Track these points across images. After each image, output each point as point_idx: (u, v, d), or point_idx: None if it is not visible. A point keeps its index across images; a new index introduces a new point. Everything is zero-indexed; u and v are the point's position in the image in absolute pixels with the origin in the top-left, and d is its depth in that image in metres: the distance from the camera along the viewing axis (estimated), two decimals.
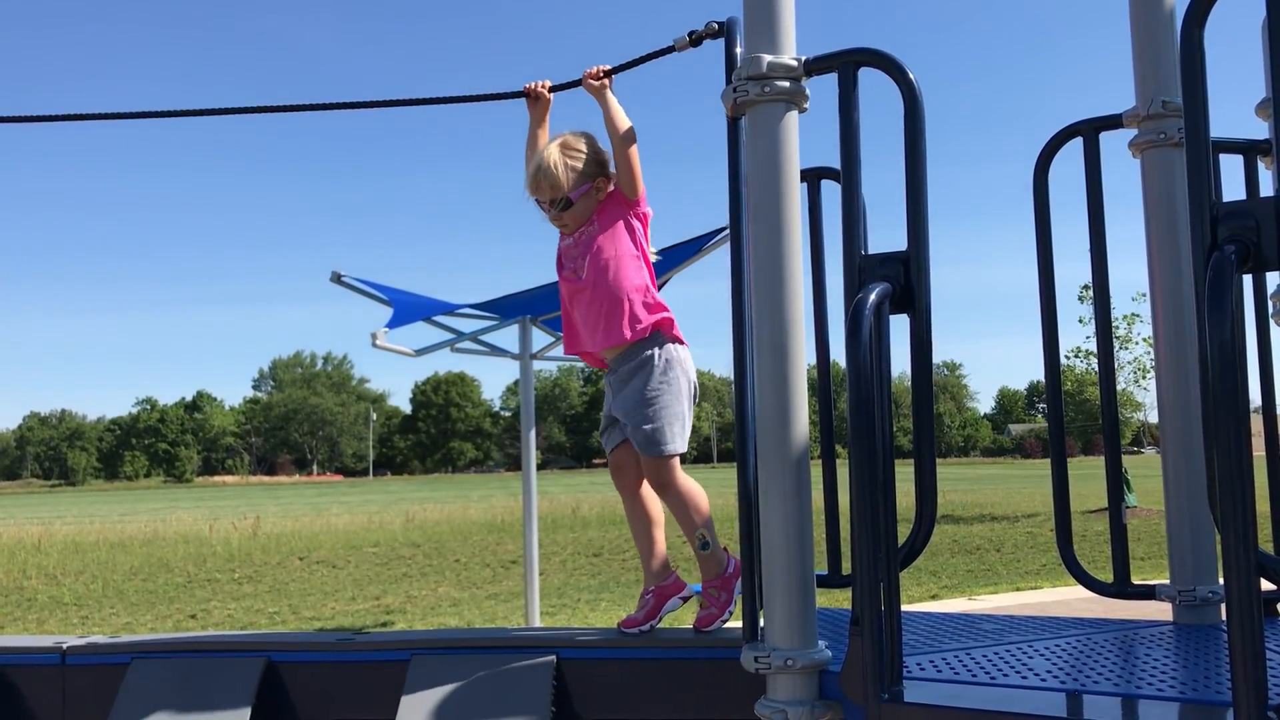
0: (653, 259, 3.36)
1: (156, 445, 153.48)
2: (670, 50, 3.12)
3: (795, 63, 2.36)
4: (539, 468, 8.94)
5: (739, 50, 2.59)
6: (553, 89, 3.43)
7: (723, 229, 7.78)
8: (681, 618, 3.40)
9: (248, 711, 2.83)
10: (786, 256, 2.31)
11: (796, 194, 2.35)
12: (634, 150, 3.22)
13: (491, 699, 2.74)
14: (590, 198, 3.27)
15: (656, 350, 3.20)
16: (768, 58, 2.34)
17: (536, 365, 9.06)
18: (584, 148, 3.30)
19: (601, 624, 12.18)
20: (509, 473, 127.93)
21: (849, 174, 2.27)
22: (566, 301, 3.35)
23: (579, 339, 3.31)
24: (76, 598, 17.08)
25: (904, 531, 2.24)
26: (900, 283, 2.19)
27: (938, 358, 2.33)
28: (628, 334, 3.17)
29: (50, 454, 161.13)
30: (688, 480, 3.26)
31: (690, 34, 2.98)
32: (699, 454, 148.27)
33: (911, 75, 2.26)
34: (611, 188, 3.32)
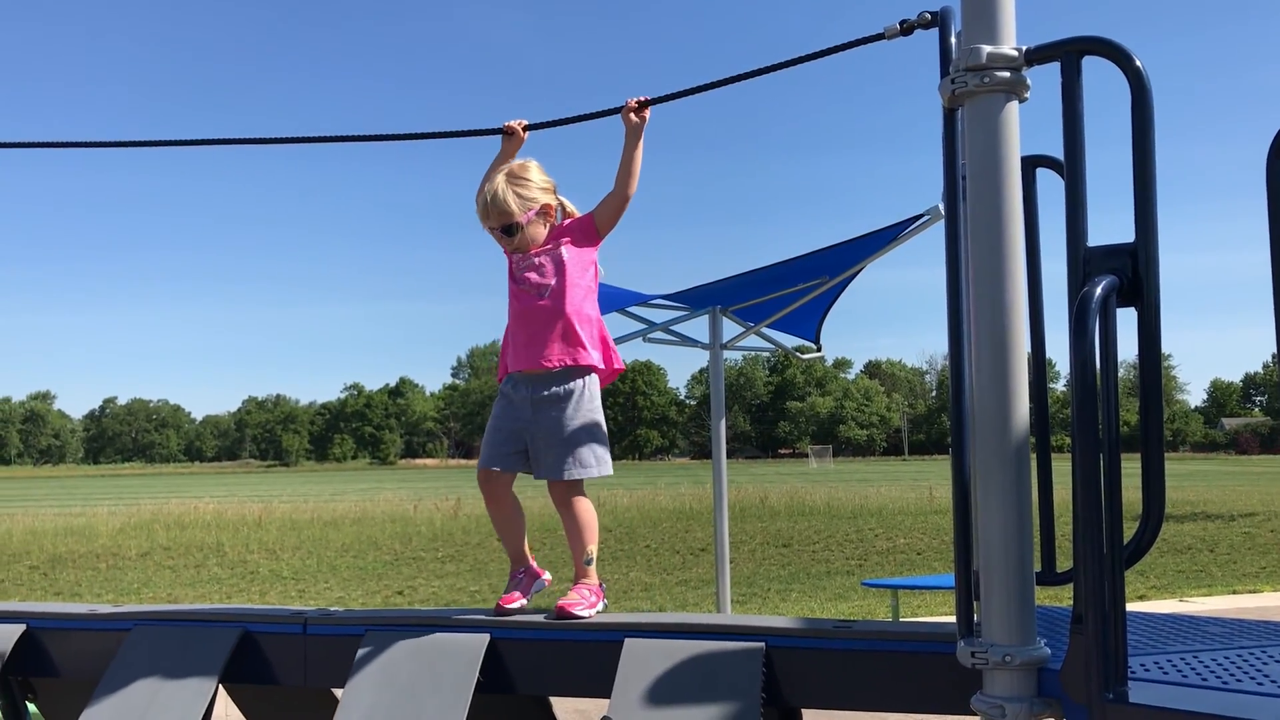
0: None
1: (363, 429, 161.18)
2: (879, 38, 3.10)
3: (1016, 53, 2.32)
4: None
5: (953, 40, 2.56)
6: (528, 128, 3.60)
7: (916, 217, 7.64)
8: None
9: (473, 682, 2.98)
10: (1007, 248, 2.28)
11: (1018, 185, 2.31)
12: (632, 193, 3.39)
13: (702, 684, 2.80)
14: (537, 223, 3.41)
15: (584, 380, 3.40)
16: (987, 48, 2.32)
17: (723, 354, 9.13)
18: (530, 175, 3.44)
19: (794, 614, 12.15)
20: (694, 460, 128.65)
21: (1073, 165, 2.23)
22: (518, 317, 3.46)
23: (519, 355, 3.42)
24: (294, 572, 18.17)
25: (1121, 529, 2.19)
26: (1127, 275, 2.14)
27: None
28: (575, 360, 3.36)
29: (266, 436, 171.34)
30: (588, 503, 3.44)
31: (901, 23, 2.95)
32: (889, 446, 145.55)
33: (1139, 62, 2.20)
34: (565, 216, 3.49)
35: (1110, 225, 2.35)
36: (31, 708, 3.86)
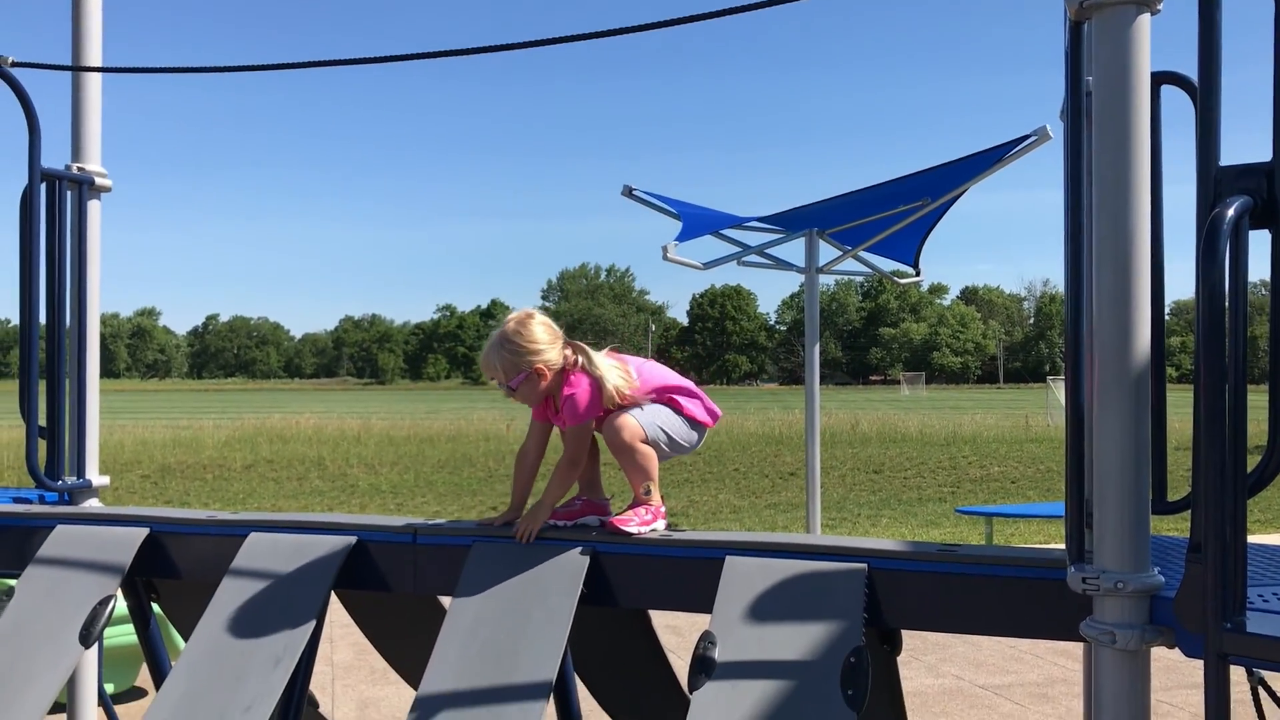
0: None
1: (456, 349, 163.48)
2: None
3: None
4: None
5: None
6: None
7: (1023, 138, 7.43)
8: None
9: (577, 594, 3.05)
10: (1134, 168, 2.20)
11: (1146, 103, 2.22)
12: (576, 463, 3.37)
13: (804, 603, 2.82)
14: (531, 383, 3.37)
15: None
16: None
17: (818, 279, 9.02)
18: (521, 340, 3.36)
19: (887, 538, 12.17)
20: (783, 386, 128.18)
21: (1208, 80, 2.13)
22: None
23: None
24: (392, 486, 18.67)
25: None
26: (1262, 196, 2.06)
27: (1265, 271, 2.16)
28: None
29: (362, 355, 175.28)
30: (646, 447, 3.37)
31: None
32: (983, 374, 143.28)
33: None
34: (579, 365, 3.39)
35: (1231, 149, 2.25)
36: (155, 608, 4.05)
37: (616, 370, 3.39)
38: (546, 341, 3.38)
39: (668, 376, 3.50)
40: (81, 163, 4.29)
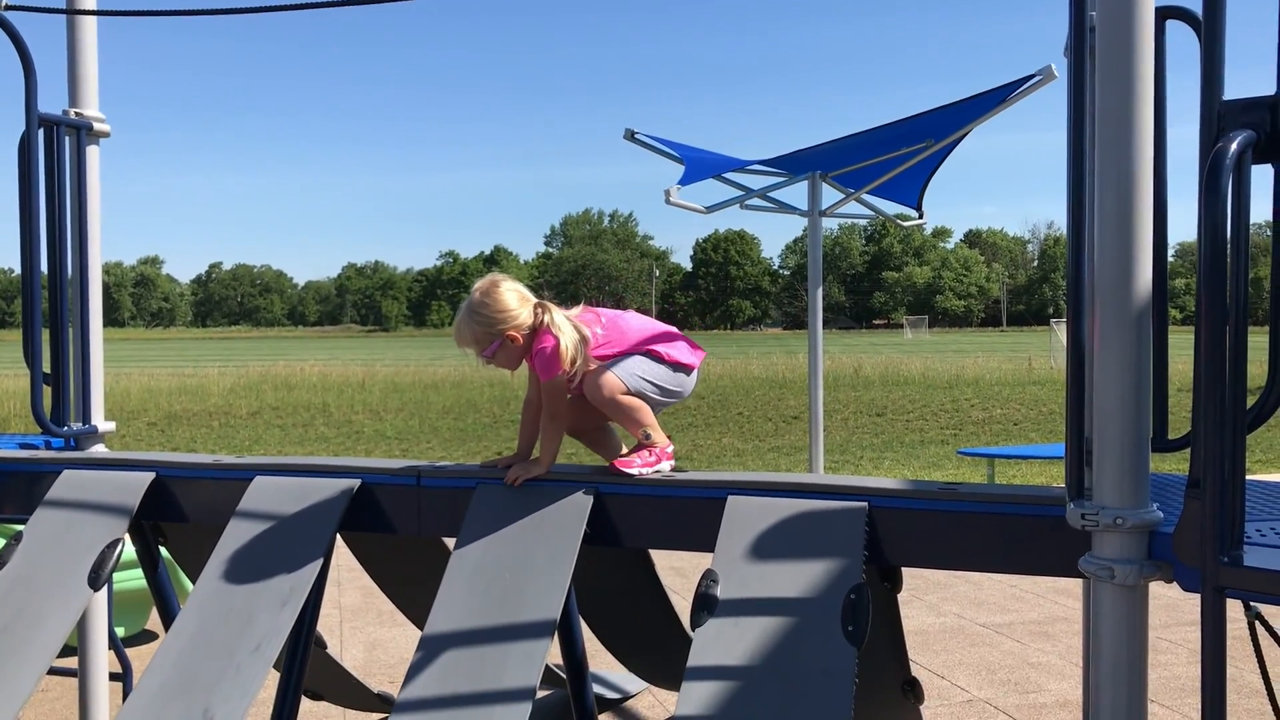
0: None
1: (460, 296, 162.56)
2: None
3: None
4: None
5: None
6: None
7: (1027, 78, 7.35)
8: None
9: (580, 534, 3.08)
10: (1138, 105, 2.18)
11: (1150, 38, 2.20)
12: (556, 417, 3.35)
13: (805, 541, 2.85)
14: (507, 349, 3.35)
15: None
16: None
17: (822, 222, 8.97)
18: (487, 311, 3.31)
19: None
20: (786, 331, 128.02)
21: (1212, 13, 2.10)
22: None
23: None
24: (397, 432, 18.74)
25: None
26: (1266, 130, 2.04)
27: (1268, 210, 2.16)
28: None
29: (366, 302, 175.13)
30: (633, 398, 3.36)
31: None
32: (986, 317, 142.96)
33: None
34: (544, 325, 3.32)
35: (1236, 88, 2.22)
36: (162, 551, 4.09)
37: (576, 332, 3.34)
38: (515, 306, 3.35)
39: (644, 328, 3.48)
40: (79, 108, 4.26)
